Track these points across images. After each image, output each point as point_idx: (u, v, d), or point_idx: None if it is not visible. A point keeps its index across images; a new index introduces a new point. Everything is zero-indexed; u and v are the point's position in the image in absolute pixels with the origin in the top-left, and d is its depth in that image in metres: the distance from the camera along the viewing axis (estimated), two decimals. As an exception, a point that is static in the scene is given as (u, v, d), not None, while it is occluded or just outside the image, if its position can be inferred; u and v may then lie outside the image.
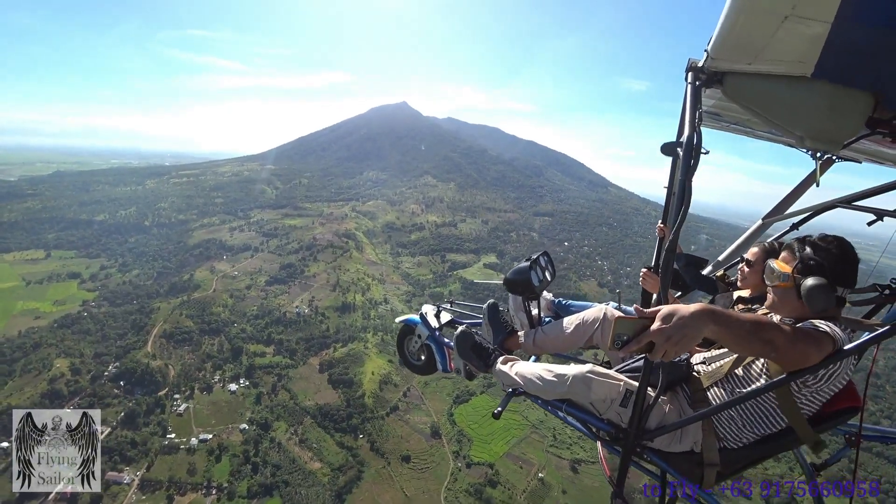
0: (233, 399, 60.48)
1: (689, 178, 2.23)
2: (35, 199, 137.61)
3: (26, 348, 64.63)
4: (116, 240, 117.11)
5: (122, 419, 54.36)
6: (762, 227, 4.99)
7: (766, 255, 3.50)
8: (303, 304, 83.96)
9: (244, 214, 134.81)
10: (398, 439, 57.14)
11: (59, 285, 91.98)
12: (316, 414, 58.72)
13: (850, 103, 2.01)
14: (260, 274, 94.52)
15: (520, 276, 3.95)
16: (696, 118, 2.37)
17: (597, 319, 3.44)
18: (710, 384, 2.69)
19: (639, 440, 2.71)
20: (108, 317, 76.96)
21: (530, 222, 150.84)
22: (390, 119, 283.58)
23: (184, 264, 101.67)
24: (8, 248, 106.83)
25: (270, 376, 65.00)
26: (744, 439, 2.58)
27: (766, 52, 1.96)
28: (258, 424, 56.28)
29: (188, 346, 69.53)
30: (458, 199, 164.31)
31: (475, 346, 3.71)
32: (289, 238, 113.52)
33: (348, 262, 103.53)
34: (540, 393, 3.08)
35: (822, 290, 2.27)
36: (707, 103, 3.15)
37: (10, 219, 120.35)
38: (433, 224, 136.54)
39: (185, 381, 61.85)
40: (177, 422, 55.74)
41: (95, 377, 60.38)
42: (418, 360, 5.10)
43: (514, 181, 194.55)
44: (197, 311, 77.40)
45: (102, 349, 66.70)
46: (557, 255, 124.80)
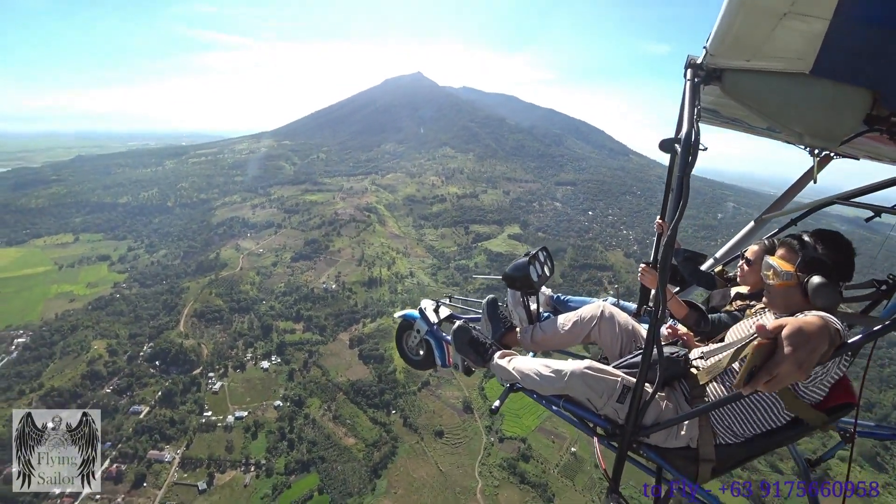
0: (266, 376, 60.67)
1: (687, 175, 2.20)
2: (60, 185, 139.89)
3: (64, 331, 65.76)
4: (141, 221, 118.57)
5: (160, 398, 55.04)
6: (761, 223, 4.94)
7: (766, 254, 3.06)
8: (329, 279, 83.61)
9: (264, 191, 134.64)
10: (430, 414, 56.76)
11: (90, 268, 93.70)
12: (348, 390, 58.55)
13: (848, 100, 1.99)
14: (285, 250, 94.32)
15: (518, 272, 3.90)
16: (695, 115, 2.34)
17: (594, 316, 3.42)
18: (709, 379, 2.63)
19: (635, 436, 2.71)
20: (140, 298, 77.91)
21: (552, 192, 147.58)
22: (405, 90, 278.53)
23: (209, 243, 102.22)
24: (38, 234, 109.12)
25: (301, 353, 64.96)
26: (741, 434, 2.57)
27: (764, 49, 1.95)
28: (292, 401, 56.43)
29: (219, 325, 69.91)
30: (477, 169, 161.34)
31: (472, 341, 3.66)
32: (310, 214, 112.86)
33: (371, 235, 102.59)
34: (537, 388, 3.07)
35: (829, 287, 2.30)
36: (706, 100, 2.98)
37: (37, 205, 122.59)
38: (454, 196, 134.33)
39: (219, 360, 62.24)
40: (213, 400, 56.23)
41: (132, 357, 61.17)
42: (417, 354, 5.02)
43: (533, 150, 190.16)
44: (225, 290, 77.68)
45: (136, 330, 67.47)
46: (582, 225, 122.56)
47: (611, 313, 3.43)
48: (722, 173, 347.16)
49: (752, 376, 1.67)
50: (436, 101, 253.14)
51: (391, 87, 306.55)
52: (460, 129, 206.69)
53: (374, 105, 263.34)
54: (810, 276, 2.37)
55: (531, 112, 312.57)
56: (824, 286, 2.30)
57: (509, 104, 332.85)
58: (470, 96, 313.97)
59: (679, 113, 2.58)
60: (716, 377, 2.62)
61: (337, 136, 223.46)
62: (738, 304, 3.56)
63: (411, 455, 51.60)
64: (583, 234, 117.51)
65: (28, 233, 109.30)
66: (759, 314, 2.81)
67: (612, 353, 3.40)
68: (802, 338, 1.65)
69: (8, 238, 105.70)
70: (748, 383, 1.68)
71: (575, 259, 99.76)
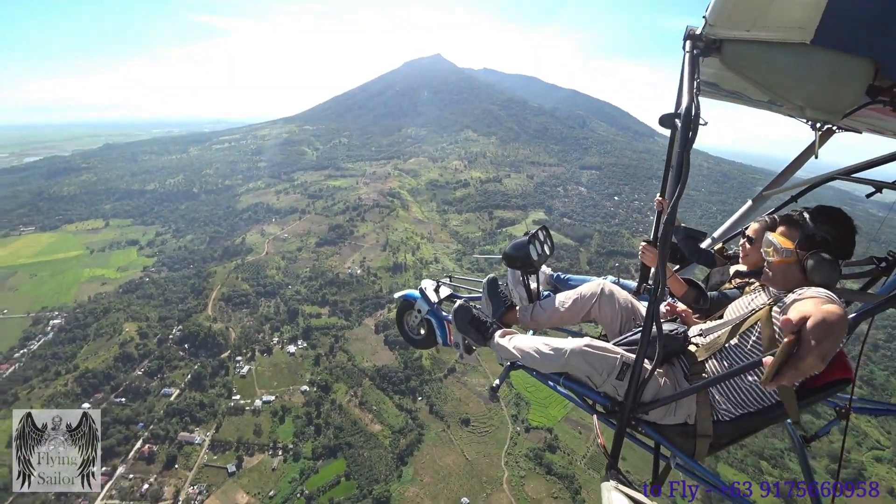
0: (292, 361, 60.71)
1: (687, 151, 2.16)
2: (90, 173, 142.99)
3: (97, 313, 67.10)
4: (168, 207, 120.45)
5: (190, 381, 55.57)
6: (760, 200, 4.82)
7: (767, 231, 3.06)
8: (354, 264, 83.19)
9: (288, 177, 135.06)
10: (457, 402, 56.02)
11: (120, 252, 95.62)
12: (374, 376, 58.18)
13: (850, 71, 1.95)
14: (309, 236, 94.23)
15: (518, 251, 3.87)
16: (695, 88, 2.28)
17: (594, 294, 3.40)
18: (708, 356, 2.68)
19: (634, 413, 2.72)
20: (168, 281, 79.00)
21: (577, 176, 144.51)
22: (425, 73, 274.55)
23: (234, 228, 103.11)
24: (70, 220, 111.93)
25: (327, 338, 64.80)
26: (737, 411, 2.58)
27: (765, 18, 1.93)
28: (318, 386, 56.34)
29: (246, 309, 70.27)
30: (500, 153, 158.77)
31: (473, 320, 3.65)
32: (334, 199, 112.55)
33: (395, 221, 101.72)
34: (537, 366, 3.08)
35: (828, 264, 2.31)
36: (705, 73, 2.92)
37: (69, 192, 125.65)
38: (477, 180, 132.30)
39: (246, 344, 62.55)
40: (240, 383, 56.50)
41: (161, 340, 61.93)
42: (418, 334, 5.00)
43: (557, 133, 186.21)
44: (252, 274, 78.06)
45: (166, 313, 68.29)
46: (608, 211, 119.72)
47: (610, 291, 3.39)
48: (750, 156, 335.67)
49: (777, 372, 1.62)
50: (456, 83, 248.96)
51: (411, 69, 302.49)
52: (482, 111, 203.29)
53: (394, 88, 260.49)
54: (810, 253, 2.36)
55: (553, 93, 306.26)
56: (823, 262, 2.30)
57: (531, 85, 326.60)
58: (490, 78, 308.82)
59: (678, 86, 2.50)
60: (714, 353, 2.65)
61: (358, 120, 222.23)
62: (738, 281, 3.57)
63: (437, 443, 51.04)
64: (609, 220, 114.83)
65: (60, 219, 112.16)
66: (757, 291, 2.72)
67: (612, 330, 3.37)
68: (826, 330, 1.62)
69: (42, 224, 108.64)
70: (773, 380, 1.63)
71: (601, 245, 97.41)
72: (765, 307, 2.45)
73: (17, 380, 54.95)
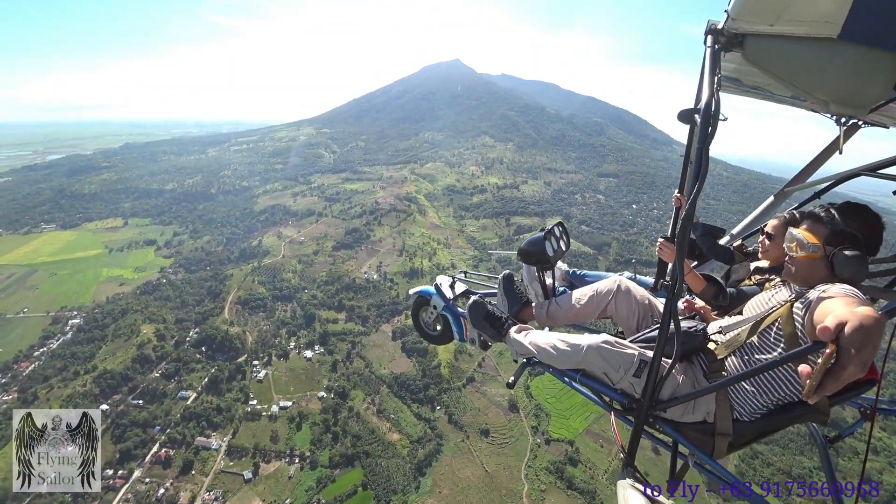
0: (309, 366, 60.04)
1: (706, 146, 2.12)
2: (110, 171, 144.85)
3: (115, 314, 67.16)
4: (186, 207, 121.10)
5: (206, 385, 55.15)
6: (782, 197, 4.74)
7: (786, 227, 3.18)
8: (371, 269, 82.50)
9: (305, 179, 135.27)
10: (476, 412, 54.83)
11: (138, 252, 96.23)
12: (392, 383, 57.25)
13: (878, 65, 1.90)
14: (326, 239, 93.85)
15: (534, 247, 3.85)
16: (715, 83, 2.25)
17: (611, 291, 3.35)
18: (728, 354, 2.60)
19: (652, 410, 2.67)
20: (185, 283, 78.93)
21: (595, 183, 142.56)
22: (444, 78, 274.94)
23: (251, 230, 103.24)
24: (90, 218, 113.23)
25: (344, 343, 64.09)
26: (759, 409, 2.49)
27: (789, 12, 1.89)
28: (336, 393, 55.52)
29: (262, 313, 69.89)
30: (517, 159, 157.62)
31: (489, 316, 3.61)
32: (351, 202, 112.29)
33: (412, 225, 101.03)
34: (554, 362, 3.04)
35: (859, 261, 2.23)
36: (727, 67, 2.96)
37: (90, 190, 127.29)
38: (494, 186, 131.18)
39: (263, 348, 62.06)
40: (257, 388, 55.93)
41: (179, 343, 61.72)
42: (434, 330, 4.95)
43: (574, 140, 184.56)
44: (268, 278, 77.77)
45: (183, 315, 68.19)
46: (626, 219, 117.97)
47: (627, 287, 3.33)
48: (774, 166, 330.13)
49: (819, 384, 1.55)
50: (474, 88, 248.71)
51: (429, 74, 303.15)
52: (499, 117, 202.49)
53: (413, 93, 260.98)
54: (838, 249, 2.27)
55: (571, 100, 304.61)
56: (852, 258, 2.21)
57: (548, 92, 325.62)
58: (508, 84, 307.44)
59: (699, 81, 2.46)
60: (734, 351, 2.57)
61: (375, 124, 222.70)
62: (757, 278, 3.46)
63: (456, 454, 49.84)
64: (627, 229, 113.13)
65: (81, 217, 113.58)
66: (778, 287, 2.66)
67: (629, 327, 3.32)
68: (866, 336, 1.55)
69: (63, 222, 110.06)
70: (816, 392, 1.56)
71: (620, 254, 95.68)
72: (786, 304, 2.33)
73: (37, 378, 54.99)
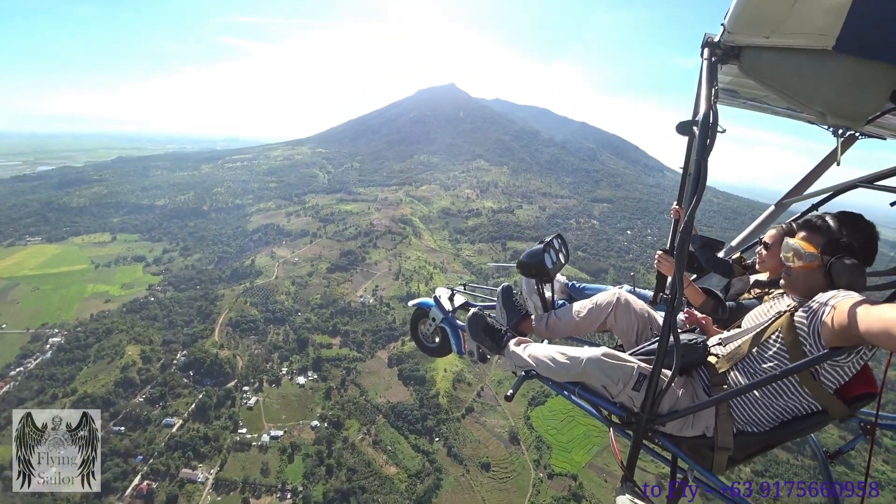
0: (302, 393, 57.76)
1: (704, 158, 2.14)
2: (101, 185, 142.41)
3: (99, 333, 64.51)
4: (177, 224, 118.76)
5: (193, 411, 52.65)
6: (780, 209, 4.71)
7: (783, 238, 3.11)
8: (367, 293, 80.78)
9: (299, 199, 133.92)
10: (476, 444, 52.86)
11: (126, 268, 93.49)
12: (389, 413, 55.14)
13: (873, 77, 1.92)
14: (320, 260, 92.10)
15: (533, 259, 3.83)
16: (713, 95, 2.26)
17: (610, 303, 3.34)
18: (730, 367, 2.55)
19: (651, 424, 2.64)
20: (174, 302, 76.49)
21: (589, 209, 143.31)
22: (439, 101, 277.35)
23: (244, 249, 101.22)
24: (78, 232, 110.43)
25: (339, 370, 61.96)
26: (760, 423, 2.45)
27: (785, 25, 1.90)
28: (330, 422, 53.25)
29: (254, 336, 67.65)
30: (512, 183, 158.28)
31: (488, 329, 3.56)
32: (346, 224, 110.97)
33: (408, 248, 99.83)
34: (553, 375, 3.01)
35: (856, 270, 2.22)
36: (723, 80, 2.99)
37: (79, 203, 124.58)
38: (489, 210, 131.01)
39: (254, 373, 59.72)
40: (247, 416, 53.52)
41: (165, 366, 59.20)
42: (432, 342, 4.92)
43: (568, 165, 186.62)
44: (261, 299, 75.70)
45: (170, 336, 65.74)
46: (621, 245, 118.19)
47: (626, 300, 3.31)
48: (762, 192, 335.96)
49: None
50: (469, 112, 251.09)
51: (424, 97, 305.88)
52: (494, 141, 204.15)
53: (408, 115, 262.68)
54: (835, 258, 2.26)
55: (565, 125, 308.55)
56: (850, 266, 2.20)
57: (542, 117, 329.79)
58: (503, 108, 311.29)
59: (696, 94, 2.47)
60: (735, 364, 2.53)
61: (370, 145, 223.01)
62: (757, 291, 3.48)
63: (457, 489, 47.73)
64: (623, 255, 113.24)
65: (68, 230, 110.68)
66: (777, 299, 2.66)
67: (628, 340, 3.30)
68: None
69: (49, 235, 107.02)
70: None
71: (617, 280, 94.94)
72: (786, 313, 2.32)
73: (12, 401, 52.09)
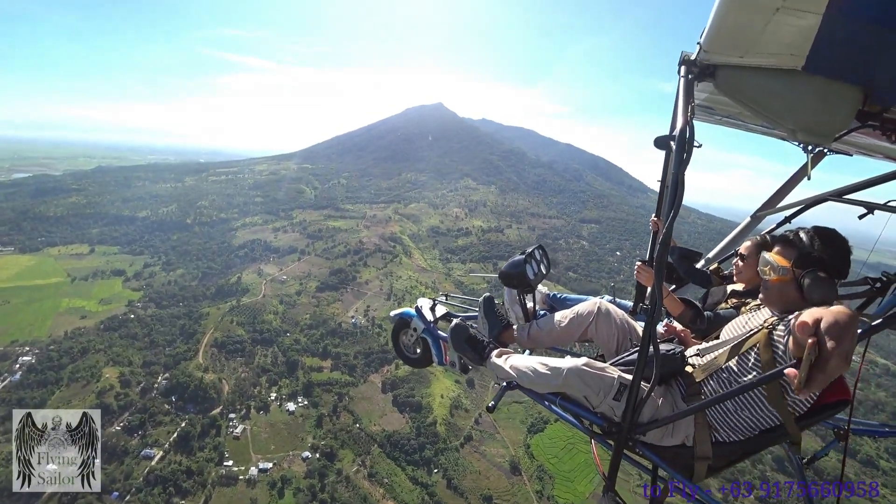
0: (292, 421, 54.96)
1: (682, 172, 2.20)
2: (80, 195, 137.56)
3: (74, 353, 60.88)
4: (159, 237, 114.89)
5: (176, 441, 49.40)
6: (754, 221, 4.87)
7: (759, 249, 3.42)
8: (358, 313, 78.44)
9: (286, 214, 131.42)
10: (476, 475, 50.69)
11: (104, 283, 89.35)
12: (384, 442, 52.66)
13: (840, 97, 2.02)
14: (309, 279, 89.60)
15: (515, 270, 3.85)
16: (689, 112, 2.34)
17: (591, 313, 3.35)
18: (706, 377, 2.61)
19: (631, 434, 2.68)
20: (156, 320, 73.00)
21: (577, 229, 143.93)
22: (427, 120, 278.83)
23: (229, 265, 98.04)
24: (53, 243, 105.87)
25: (330, 395, 59.32)
26: (737, 432, 2.50)
27: (757, 45, 1.99)
28: (322, 453, 50.55)
29: (240, 357, 64.66)
30: (500, 203, 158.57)
31: (470, 339, 3.59)
32: (334, 241, 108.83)
33: (399, 268, 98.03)
34: (534, 386, 3.02)
35: (826, 283, 2.29)
36: (699, 97, 3.05)
37: (56, 213, 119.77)
38: (479, 229, 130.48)
39: (241, 398, 56.73)
40: (234, 446, 50.46)
41: (146, 390, 55.92)
42: (414, 353, 4.90)
43: (555, 185, 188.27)
44: (248, 319, 72.78)
45: (151, 357, 62.37)
46: (611, 266, 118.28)
47: (607, 310, 3.33)
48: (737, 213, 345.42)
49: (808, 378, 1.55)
50: (456, 132, 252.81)
51: (412, 116, 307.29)
52: (481, 161, 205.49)
53: (395, 133, 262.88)
54: (806, 272, 2.33)
55: (550, 147, 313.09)
56: (820, 280, 2.28)
57: (528, 138, 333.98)
58: (489, 129, 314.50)
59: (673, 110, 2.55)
60: (712, 374, 2.58)
61: (358, 162, 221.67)
62: (734, 301, 3.52)
63: (458, 525, 45.57)
64: (614, 276, 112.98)
65: (43, 241, 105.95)
66: (754, 311, 2.70)
67: (609, 350, 3.32)
68: (842, 328, 1.57)
69: (23, 245, 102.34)
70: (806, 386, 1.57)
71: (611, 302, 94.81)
72: (762, 330, 2.36)
73: (-26, 428, 48.22)
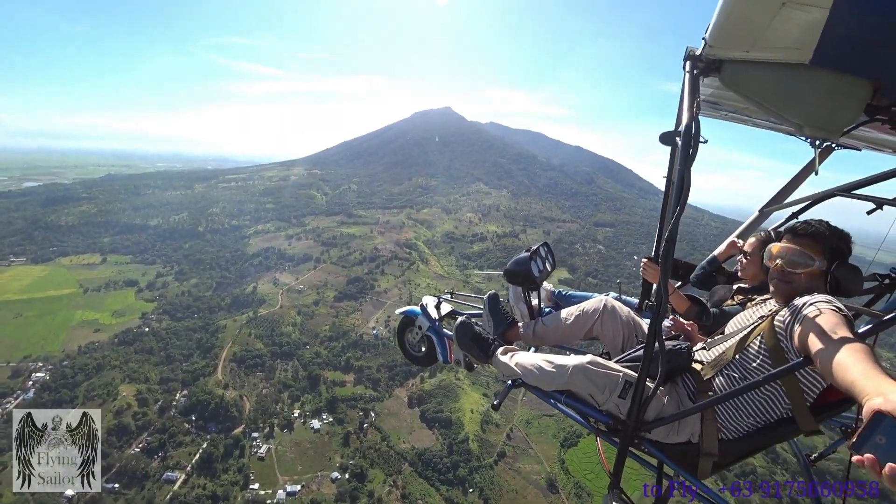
0: (318, 439, 52.54)
1: (687, 168, 2.18)
2: (90, 203, 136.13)
3: (88, 370, 58.81)
4: (171, 245, 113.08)
5: (198, 463, 47.06)
6: (762, 217, 4.75)
7: (763, 246, 3.28)
8: (379, 324, 75.99)
9: (298, 221, 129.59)
10: (513, 494, 48.09)
11: (117, 293, 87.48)
12: (416, 461, 50.13)
13: (848, 91, 1.99)
14: (326, 288, 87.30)
15: (520, 267, 3.81)
16: (695, 107, 2.34)
17: (597, 310, 3.36)
18: (714, 373, 2.55)
19: (637, 431, 2.66)
20: (171, 333, 70.84)
21: (593, 233, 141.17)
22: (435, 124, 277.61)
23: (244, 274, 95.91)
24: (65, 252, 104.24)
25: (355, 411, 56.94)
26: (744, 429, 2.47)
27: (764, 39, 1.95)
28: (352, 473, 48.08)
29: (261, 372, 62.35)
30: (513, 207, 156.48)
31: (475, 337, 3.53)
32: (349, 248, 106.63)
33: (416, 275, 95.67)
34: (539, 384, 3.00)
35: (858, 274, 2.29)
36: (705, 92, 3.04)
37: (67, 222, 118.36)
38: (494, 234, 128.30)
39: (263, 416, 54.41)
40: (259, 467, 48.12)
41: (164, 408, 53.72)
42: (419, 351, 4.87)
43: (567, 188, 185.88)
44: (266, 331, 70.52)
45: (168, 373, 60.19)
46: (630, 271, 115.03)
47: (613, 307, 3.33)
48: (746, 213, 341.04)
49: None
50: (466, 136, 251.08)
51: (421, 120, 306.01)
52: (492, 164, 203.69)
53: (404, 138, 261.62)
54: (837, 264, 2.32)
55: (559, 149, 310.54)
56: (854, 272, 2.27)
57: (537, 141, 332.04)
58: (498, 132, 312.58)
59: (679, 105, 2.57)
60: (720, 370, 2.54)
61: (368, 167, 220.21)
62: (739, 297, 3.51)
63: (499, 548, 42.88)
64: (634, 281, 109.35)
65: (55, 250, 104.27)
66: (760, 305, 2.71)
67: (615, 347, 3.32)
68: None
69: (34, 255, 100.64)
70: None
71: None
72: (767, 318, 2.34)
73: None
